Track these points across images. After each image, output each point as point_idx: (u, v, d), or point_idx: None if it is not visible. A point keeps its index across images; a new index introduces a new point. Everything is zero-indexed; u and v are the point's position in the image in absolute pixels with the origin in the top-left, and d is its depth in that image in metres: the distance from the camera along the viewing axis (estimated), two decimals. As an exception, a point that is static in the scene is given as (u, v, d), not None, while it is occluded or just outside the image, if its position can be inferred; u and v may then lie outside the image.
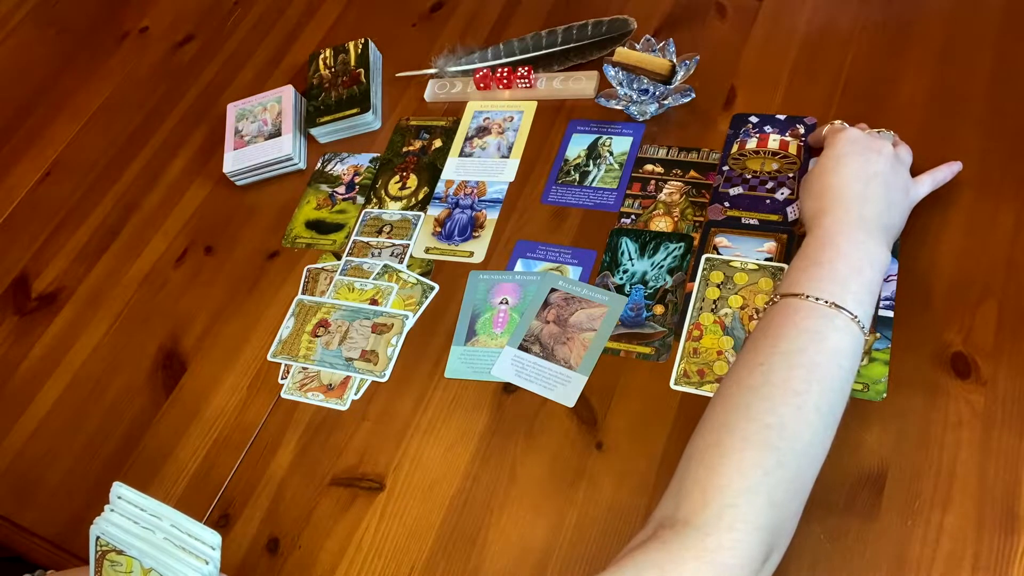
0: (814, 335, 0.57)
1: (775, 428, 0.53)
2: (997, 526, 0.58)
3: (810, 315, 0.58)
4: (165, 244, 0.96)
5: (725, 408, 0.56)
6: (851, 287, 0.59)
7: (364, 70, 0.99)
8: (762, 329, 0.59)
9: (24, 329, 0.94)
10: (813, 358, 0.56)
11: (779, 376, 0.55)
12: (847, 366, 0.57)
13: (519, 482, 0.69)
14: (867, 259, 0.61)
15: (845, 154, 0.67)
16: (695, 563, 0.49)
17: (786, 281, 0.61)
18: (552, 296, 0.77)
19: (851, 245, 0.61)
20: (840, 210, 0.63)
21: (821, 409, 0.55)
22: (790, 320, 0.58)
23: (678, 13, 0.92)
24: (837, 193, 0.64)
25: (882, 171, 0.65)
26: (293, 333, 0.83)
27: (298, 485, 0.74)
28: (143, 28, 1.22)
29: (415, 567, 0.68)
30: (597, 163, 0.84)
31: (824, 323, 0.57)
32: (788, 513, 0.53)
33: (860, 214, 0.63)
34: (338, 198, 0.93)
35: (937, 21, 0.82)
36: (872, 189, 0.64)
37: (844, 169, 0.66)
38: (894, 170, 0.66)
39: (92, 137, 1.11)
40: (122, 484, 0.60)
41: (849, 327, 0.57)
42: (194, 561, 0.57)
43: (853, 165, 0.66)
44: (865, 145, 0.67)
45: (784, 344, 0.57)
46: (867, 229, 0.62)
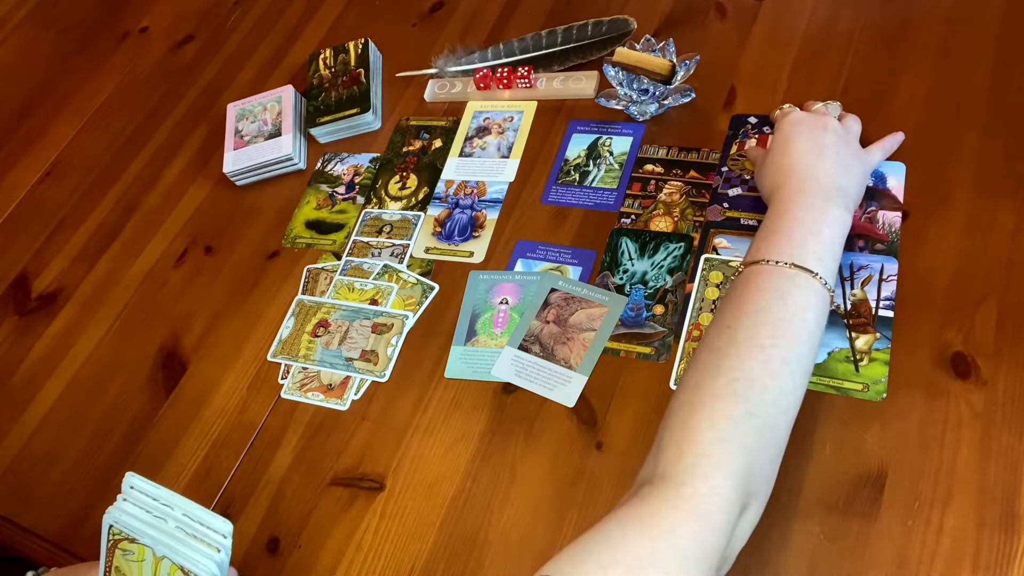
0: (776, 294, 0.59)
1: (742, 381, 0.55)
2: (997, 526, 0.58)
3: (772, 277, 0.60)
4: (165, 244, 0.96)
5: (696, 371, 0.58)
6: (810, 247, 0.61)
7: (364, 70, 0.99)
8: (728, 297, 0.62)
9: (24, 329, 0.94)
10: (777, 315, 0.58)
11: (745, 334, 0.57)
12: (812, 319, 0.59)
13: (519, 482, 0.69)
14: (824, 220, 0.63)
15: (792, 134, 0.69)
16: (673, 512, 0.51)
17: (749, 252, 0.64)
18: (552, 296, 0.77)
19: (807, 210, 0.63)
20: (794, 182, 0.66)
21: (789, 361, 0.57)
22: (753, 284, 0.60)
23: (678, 13, 0.92)
24: (789, 169, 0.67)
25: (830, 143, 0.68)
26: (293, 333, 0.83)
27: (298, 485, 0.74)
28: (143, 28, 1.22)
29: (415, 567, 0.68)
30: (597, 163, 0.84)
31: (785, 282, 0.59)
32: (763, 459, 0.54)
33: (815, 181, 0.65)
34: (338, 198, 0.93)
35: (937, 21, 0.82)
36: (823, 160, 0.67)
37: (793, 148, 0.68)
38: (842, 140, 0.69)
39: (92, 137, 1.11)
40: (135, 474, 0.61)
41: (811, 283, 0.59)
42: (206, 549, 0.57)
43: (801, 143, 0.68)
44: (810, 123, 0.70)
45: (749, 306, 0.59)
46: (823, 194, 0.64)
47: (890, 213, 0.72)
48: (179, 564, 0.58)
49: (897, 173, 0.74)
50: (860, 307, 0.68)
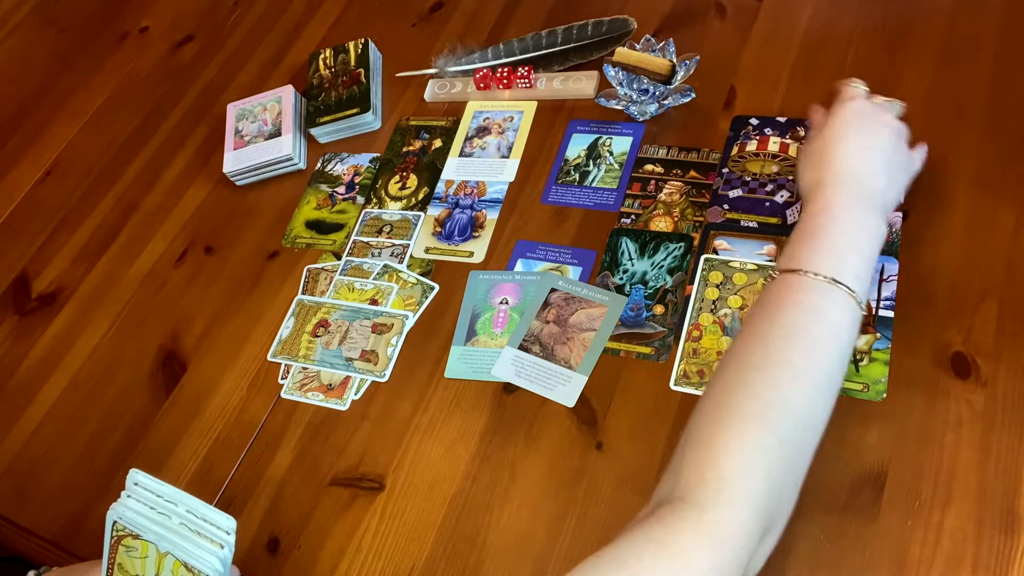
0: (813, 311, 0.57)
1: (775, 405, 0.53)
2: (997, 526, 0.58)
3: (809, 291, 0.58)
4: (165, 244, 0.96)
5: (725, 385, 0.56)
6: (850, 261, 0.59)
7: (364, 70, 0.99)
8: (761, 305, 0.59)
9: (24, 329, 0.94)
10: (813, 334, 0.56)
11: (779, 352, 0.55)
12: (846, 341, 0.57)
13: (519, 482, 0.69)
14: (865, 233, 0.61)
15: (849, 124, 0.66)
16: (692, 537, 0.49)
17: (784, 255, 0.61)
18: (552, 296, 0.77)
19: (849, 218, 0.61)
20: (839, 182, 0.63)
21: (821, 385, 0.55)
22: (789, 296, 0.58)
23: (678, 13, 0.92)
24: (837, 164, 0.64)
25: (884, 145, 0.65)
26: (293, 333, 0.83)
27: (298, 485, 0.74)
28: (143, 28, 1.22)
29: (415, 567, 0.68)
30: (597, 163, 0.84)
31: (823, 298, 0.57)
32: (786, 489, 0.53)
33: (859, 187, 0.62)
34: (338, 198, 0.93)
35: (937, 21, 0.82)
36: (873, 163, 0.64)
37: (846, 140, 0.65)
38: (896, 145, 0.66)
39: (92, 137, 1.11)
40: (139, 471, 0.61)
41: (847, 302, 0.57)
42: (209, 545, 0.57)
43: (856, 137, 0.65)
44: (871, 117, 0.66)
45: (783, 320, 0.57)
46: (865, 203, 0.62)
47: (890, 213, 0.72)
48: (183, 560, 0.58)
49: (897, 173, 0.74)
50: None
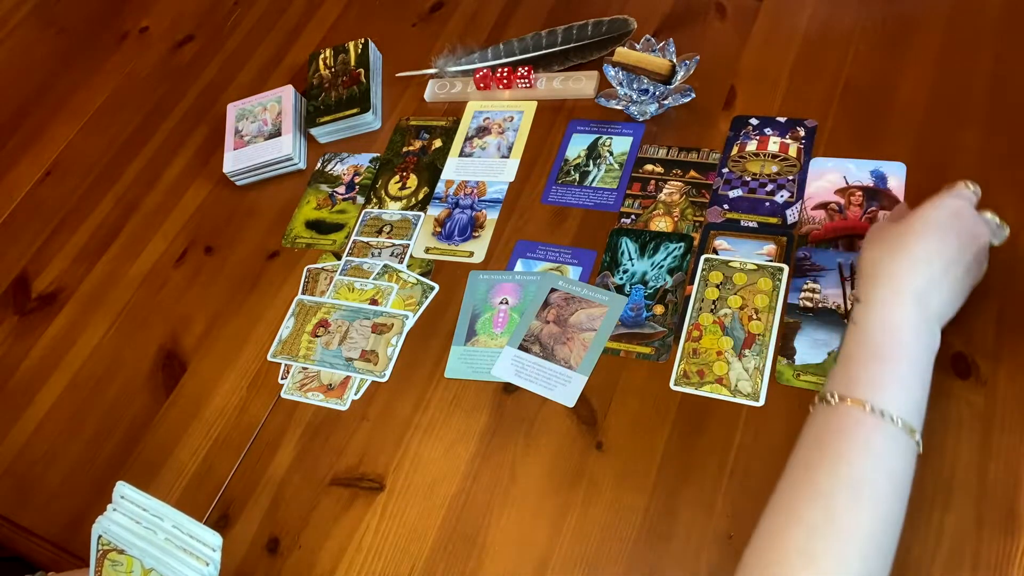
0: (883, 465, 0.53)
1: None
2: (997, 526, 0.58)
3: (877, 435, 0.53)
4: (165, 244, 0.96)
5: (777, 548, 0.52)
6: (916, 399, 0.55)
7: (364, 70, 0.99)
8: (818, 443, 0.55)
9: (24, 329, 0.94)
10: (880, 492, 0.52)
11: (846, 511, 0.51)
12: (907, 493, 0.54)
13: (519, 482, 0.69)
14: (928, 357, 0.57)
15: (945, 223, 0.60)
16: None
17: (843, 372, 0.57)
18: (552, 296, 0.77)
19: (916, 339, 0.57)
20: (912, 294, 0.58)
21: (884, 549, 0.52)
22: (855, 438, 0.54)
23: (678, 13, 0.92)
24: (913, 263, 0.59)
25: (968, 261, 0.60)
26: (293, 333, 0.83)
27: (298, 485, 0.74)
28: (143, 28, 1.22)
29: (415, 567, 0.68)
30: (597, 163, 0.84)
31: (892, 446, 0.53)
32: None
33: (928, 300, 0.58)
34: (338, 198, 0.93)
35: (937, 21, 0.82)
36: (951, 276, 0.59)
37: (936, 240, 0.59)
38: (978, 263, 0.62)
39: (92, 137, 1.11)
40: (125, 484, 0.60)
41: (913, 451, 0.54)
42: (194, 562, 0.57)
43: (947, 240, 0.59)
44: (969, 225, 0.61)
45: (848, 471, 0.53)
46: (934, 323, 0.58)
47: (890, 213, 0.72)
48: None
49: (898, 173, 0.74)
50: (860, 307, 0.68)
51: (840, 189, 0.75)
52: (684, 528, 0.63)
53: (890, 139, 0.76)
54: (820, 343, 0.68)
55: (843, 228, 0.73)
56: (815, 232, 0.73)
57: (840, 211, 0.74)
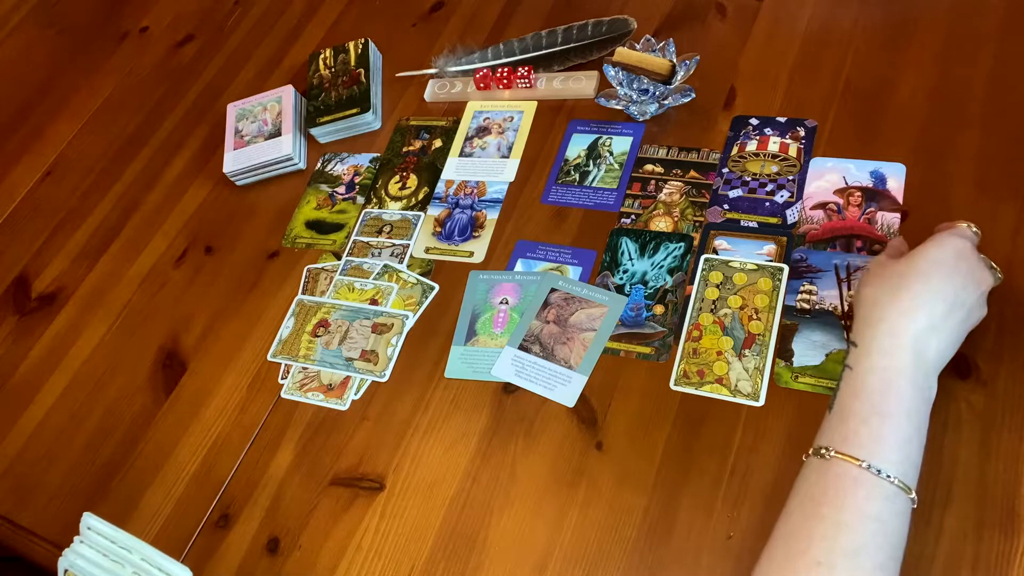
0: (879, 525, 0.52)
1: None
2: (997, 526, 0.58)
3: (874, 496, 0.52)
4: (165, 244, 0.96)
5: None
6: (912, 456, 0.54)
7: (364, 70, 0.99)
8: (814, 502, 0.54)
9: (24, 329, 0.94)
10: (878, 557, 0.51)
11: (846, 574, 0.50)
12: (903, 550, 0.53)
13: (519, 482, 0.69)
14: (926, 409, 0.56)
15: (948, 265, 0.58)
16: None
17: (839, 425, 0.56)
18: (552, 296, 0.77)
19: (913, 391, 0.55)
20: (908, 335, 0.56)
21: None
22: (852, 500, 0.53)
23: (678, 13, 0.92)
24: (914, 305, 0.57)
25: (970, 306, 0.58)
26: (293, 333, 0.83)
27: (298, 485, 0.74)
28: (143, 28, 1.22)
29: (415, 567, 0.68)
30: (597, 163, 0.84)
31: (888, 507, 0.52)
32: None
33: (927, 346, 0.56)
34: (338, 198, 0.93)
35: (937, 21, 0.82)
36: (951, 321, 0.57)
37: (935, 280, 0.57)
38: (979, 307, 0.60)
39: (92, 137, 1.11)
40: (92, 515, 0.58)
41: (909, 508, 0.54)
42: None
43: (948, 282, 0.58)
44: (972, 268, 0.59)
45: (847, 539, 0.51)
46: (928, 368, 0.57)
47: (889, 214, 0.72)
48: None
49: (897, 174, 0.74)
50: (860, 307, 0.68)
51: (839, 189, 0.75)
52: (684, 528, 0.63)
53: (890, 139, 0.76)
54: (818, 345, 0.68)
55: (841, 228, 0.73)
56: (813, 232, 0.73)
57: (839, 211, 0.74)
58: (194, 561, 0.73)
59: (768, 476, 0.64)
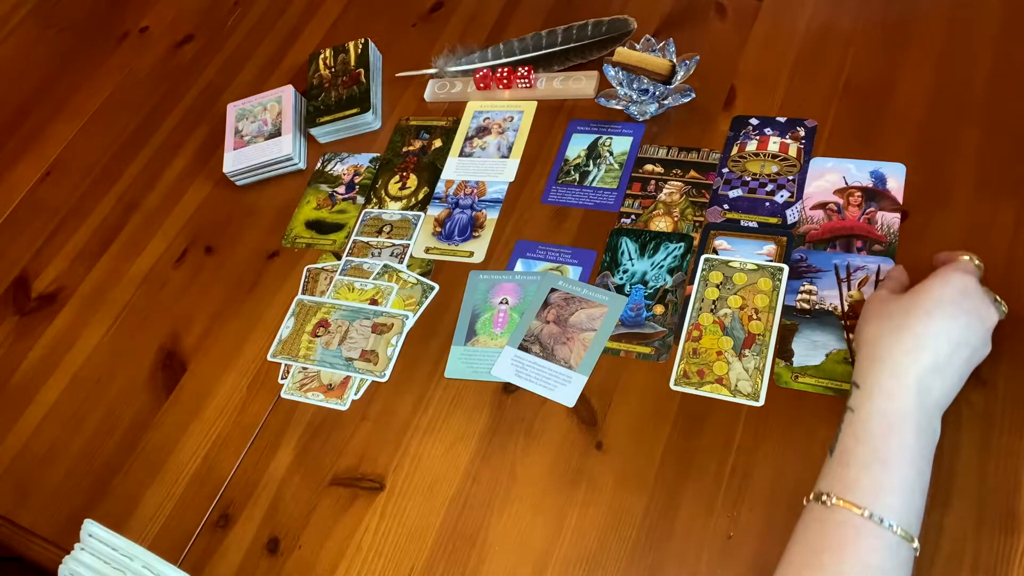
0: (880, 575, 0.51)
1: None
2: (997, 526, 0.58)
3: (876, 547, 0.51)
4: (165, 244, 0.96)
5: None
6: (915, 502, 0.53)
7: (364, 70, 0.99)
8: (814, 551, 0.53)
9: (24, 329, 0.94)
10: None
11: None
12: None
13: (519, 482, 0.69)
14: (929, 454, 0.55)
15: (952, 303, 0.57)
16: None
17: (840, 470, 0.54)
18: (552, 296, 0.77)
19: (917, 435, 0.54)
20: (912, 376, 0.55)
21: None
22: (853, 551, 0.51)
23: (678, 13, 0.92)
24: (918, 345, 0.55)
25: (975, 344, 0.57)
26: (293, 333, 0.83)
27: (298, 485, 0.74)
28: (143, 28, 1.22)
29: (415, 567, 0.68)
30: (597, 163, 0.84)
31: (890, 558, 0.51)
32: None
33: (931, 387, 0.55)
34: (338, 198, 0.93)
35: (937, 21, 0.82)
36: (956, 360, 0.56)
37: (939, 319, 0.56)
38: (984, 345, 0.58)
39: (92, 137, 1.11)
40: (94, 522, 0.58)
41: (911, 558, 0.52)
42: None
43: (953, 321, 0.56)
44: (976, 305, 0.57)
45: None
46: (931, 410, 0.55)
47: (889, 214, 0.72)
48: None
49: (897, 174, 0.74)
50: (857, 308, 0.68)
51: (839, 189, 0.75)
52: (684, 528, 0.63)
53: (890, 139, 0.76)
54: (818, 345, 0.68)
55: (841, 228, 0.73)
56: (813, 232, 0.73)
57: (839, 211, 0.74)
58: (194, 561, 0.73)
59: (768, 476, 0.64)
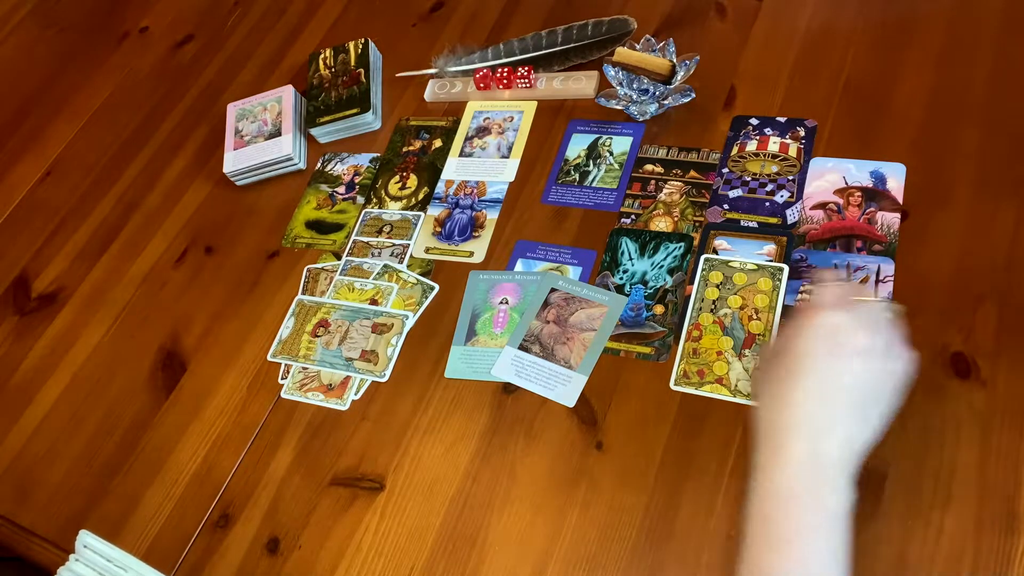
0: None
1: None
2: (997, 526, 0.58)
3: None
4: (165, 244, 0.96)
5: None
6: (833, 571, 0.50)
7: (364, 70, 0.99)
8: None
9: (24, 329, 0.94)
10: None
11: None
12: None
13: (519, 482, 0.69)
14: (836, 523, 0.51)
15: (815, 355, 0.53)
16: None
17: (748, 555, 0.52)
18: (552, 296, 0.77)
19: (816, 510, 0.51)
20: (796, 450, 0.51)
21: None
22: None
23: (678, 13, 0.92)
24: (793, 415, 0.52)
25: (857, 382, 0.53)
26: (293, 333, 0.83)
27: (298, 485, 0.74)
28: (143, 28, 1.22)
29: (415, 567, 0.68)
30: (597, 163, 0.84)
31: None
32: None
33: (823, 450, 0.51)
34: (338, 198, 0.93)
35: (937, 21, 0.82)
36: (838, 414, 0.52)
37: (809, 378, 0.52)
38: (882, 375, 0.54)
39: (92, 137, 1.11)
40: (89, 533, 0.57)
41: None
42: None
43: (822, 375, 0.52)
44: (842, 340, 0.53)
45: None
46: (833, 474, 0.51)
47: (889, 214, 0.72)
48: None
49: (897, 174, 0.74)
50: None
51: (839, 189, 0.75)
52: (684, 528, 0.63)
53: (890, 139, 0.76)
54: (820, 343, 0.67)
55: (841, 228, 0.73)
56: (813, 232, 0.73)
57: (839, 211, 0.74)
58: (194, 561, 0.73)
59: (768, 476, 0.63)
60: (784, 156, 0.78)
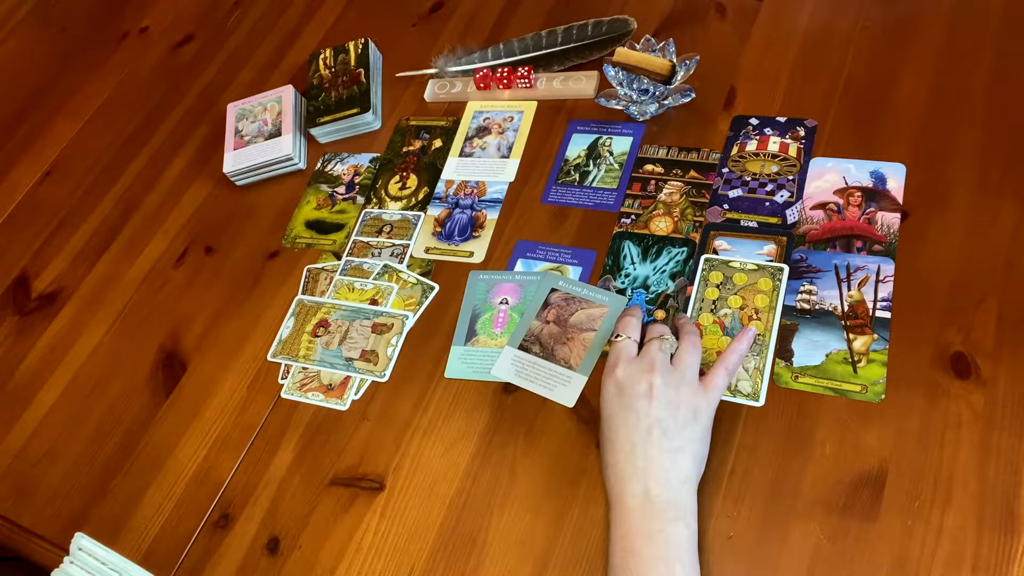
0: None
1: None
2: (997, 526, 0.58)
3: None
4: (165, 244, 0.96)
5: None
6: None
7: (364, 70, 0.99)
8: None
9: (24, 329, 0.94)
10: None
11: None
12: None
13: (519, 482, 0.69)
14: (674, 552, 0.56)
15: (611, 416, 0.61)
16: None
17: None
18: (552, 296, 0.77)
19: (652, 546, 0.57)
20: (627, 497, 0.58)
21: None
22: None
23: (678, 13, 0.92)
24: (615, 472, 0.60)
25: (655, 421, 0.60)
26: (293, 333, 0.83)
27: (298, 485, 0.74)
28: (143, 28, 1.22)
29: (415, 567, 0.68)
30: (597, 163, 0.84)
31: None
32: None
33: (645, 495, 0.58)
34: (338, 198, 0.93)
35: (937, 21, 0.82)
36: (650, 453, 0.59)
37: (615, 439, 0.61)
38: (672, 405, 0.60)
39: (92, 137, 1.11)
40: (84, 536, 0.57)
41: None
42: None
43: (622, 430, 0.60)
44: (630, 395, 0.61)
45: None
46: (660, 510, 0.57)
47: (889, 214, 0.72)
48: None
49: (897, 174, 0.74)
50: (857, 308, 0.68)
51: (839, 189, 0.75)
52: (684, 528, 0.63)
53: (890, 139, 0.76)
54: (818, 345, 0.68)
55: (841, 229, 0.73)
56: (813, 232, 0.73)
57: (839, 211, 0.74)
58: (194, 561, 0.73)
59: (768, 476, 0.64)
60: (784, 156, 0.78)
